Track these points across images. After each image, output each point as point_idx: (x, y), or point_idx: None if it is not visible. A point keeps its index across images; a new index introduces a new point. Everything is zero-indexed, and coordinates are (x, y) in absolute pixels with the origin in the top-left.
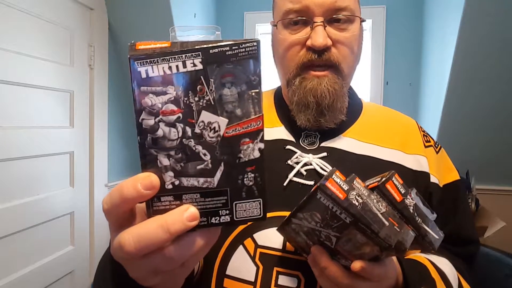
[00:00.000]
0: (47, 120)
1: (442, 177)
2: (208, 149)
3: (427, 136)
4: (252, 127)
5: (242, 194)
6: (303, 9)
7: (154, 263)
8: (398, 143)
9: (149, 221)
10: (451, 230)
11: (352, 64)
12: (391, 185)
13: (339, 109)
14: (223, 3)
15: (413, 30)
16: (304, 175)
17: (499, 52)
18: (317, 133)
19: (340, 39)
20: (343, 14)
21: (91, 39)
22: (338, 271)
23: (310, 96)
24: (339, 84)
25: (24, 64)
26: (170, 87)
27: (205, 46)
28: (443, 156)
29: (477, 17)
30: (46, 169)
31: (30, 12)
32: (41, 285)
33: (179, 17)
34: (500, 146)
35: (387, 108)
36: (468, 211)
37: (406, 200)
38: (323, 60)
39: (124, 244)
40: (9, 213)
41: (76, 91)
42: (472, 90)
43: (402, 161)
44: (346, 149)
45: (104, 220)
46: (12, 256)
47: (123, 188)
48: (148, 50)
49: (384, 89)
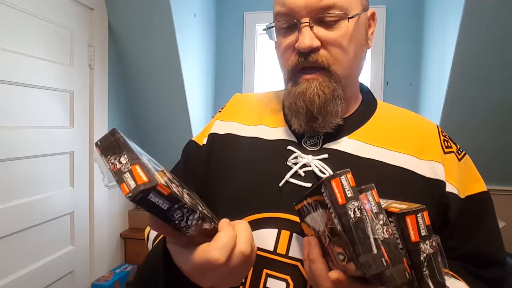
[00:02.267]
0: (47, 120)
1: (465, 187)
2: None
3: (449, 141)
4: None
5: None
6: (288, 12)
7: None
8: (412, 148)
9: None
10: (472, 249)
11: (348, 65)
12: (412, 220)
13: (332, 113)
14: (223, 3)
15: (413, 30)
16: (303, 177)
17: (499, 52)
18: (320, 134)
19: (329, 39)
20: (330, 13)
21: (91, 39)
22: (323, 270)
23: (299, 101)
24: (330, 87)
25: (24, 64)
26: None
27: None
28: (467, 164)
29: (477, 17)
30: (46, 169)
31: (30, 12)
32: (41, 285)
33: (179, 17)
34: (499, 146)
35: (405, 111)
36: (494, 228)
37: (421, 244)
38: (310, 62)
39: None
40: (9, 213)
41: (76, 91)
42: (472, 90)
43: (414, 168)
44: (350, 152)
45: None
46: (12, 256)
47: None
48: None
49: (384, 89)
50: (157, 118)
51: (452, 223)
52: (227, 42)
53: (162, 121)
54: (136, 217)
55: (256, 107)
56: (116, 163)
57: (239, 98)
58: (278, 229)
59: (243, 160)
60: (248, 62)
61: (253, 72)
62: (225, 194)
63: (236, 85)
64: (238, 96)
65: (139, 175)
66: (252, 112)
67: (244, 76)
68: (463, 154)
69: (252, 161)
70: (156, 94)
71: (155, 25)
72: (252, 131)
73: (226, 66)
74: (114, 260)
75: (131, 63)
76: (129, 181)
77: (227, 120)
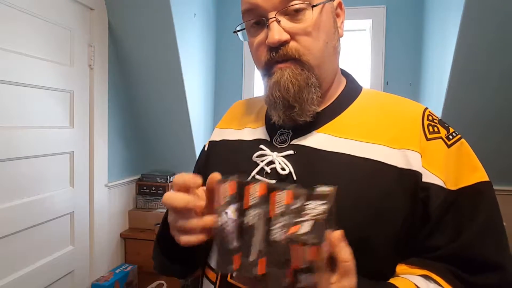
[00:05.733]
0: (47, 120)
1: (457, 177)
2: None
3: (436, 126)
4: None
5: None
6: (254, 7)
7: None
8: (385, 137)
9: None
10: (461, 248)
11: (319, 53)
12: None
13: (308, 100)
14: (223, 3)
15: (413, 30)
16: (269, 173)
17: (499, 52)
18: (290, 131)
19: (297, 30)
20: (293, 4)
21: (91, 39)
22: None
23: (276, 90)
24: (303, 75)
25: (24, 64)
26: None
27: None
28: (462, 150)
29: (477, 17)
30: (46, 169)
31: (30, 12)
32: (41, 285)
33: (179, 17)
34: (499, 146)
35: (391, 96)
36: (493, 223)
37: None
38: (281, 55)
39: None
40: (9, 213)
41: (76, 91)
42: (472, 90)
43: (385, 158)
44: (316, 147)
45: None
46: (12, 256)
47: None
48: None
49: (384, 89)
50: (157, 118)
51: (433, 217)
52: (227, 42)
53: (162, 121)
54: (136, 217)
55: (248, 111)
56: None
57: (236, 105)
58: None
59: (226, 160)
60: (248, 62)
61: (253, 72)
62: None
63: (236, 84)
64: (236, 104)
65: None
66: (244, 116)
67: (244, 75)
68: (456, 139)
69: (229, 161)
70: (156, 94)
71: (155, 25)
72: (239, 134)
73: (226, 66)
74: (114, 260)
75: (131, 63)
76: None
77: (224, 128)
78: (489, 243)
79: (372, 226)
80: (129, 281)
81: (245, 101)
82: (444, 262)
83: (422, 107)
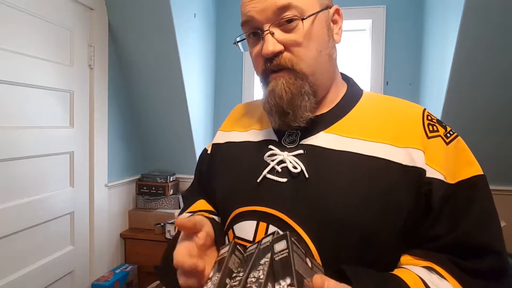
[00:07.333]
0: (47, 120)
1: (455, 172)
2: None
3: (435, 125)
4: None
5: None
6: (249, 20)
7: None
8: (389, 137)
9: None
10: (459, 236)
11: (312, 62)
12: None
13: (301, 107)
14: (223, 3)
15: (413, 30)
16: (280, 172)
17: (499, 52)
18: (298, 132)
19: (289, 41)
20: (285, 15)
21: (91, 39)
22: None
23: (271, 98)
24: (296, 85)
25: (24, 64)
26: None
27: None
28: (459, 147)
29: (477, 17)
30: (46, 169)
31: (30, 12)
32: (41, 285)
33: (179, 17)
34: (499, 146)
35: (391, 98)
36: (487, 213)
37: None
38: (275, 65)
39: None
40: (9, 213)
41: (76, 91)
42: (472, 90)
43: (390, 156)
44: (325, 146)
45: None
46: (12, 256)
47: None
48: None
49: (384, 89)
50: (157, 117)
51: (435, 209)
52: (227, 42)
53: (162, 121)
54: (136, 217)
55: (251, 113)
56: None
57: (238, 108)
58: (256, 221)
59: (234, 161)
60: (248, 62)
61: (253, 71)
62: (220, 191)
63: (236, 84)
64: (237, 107)
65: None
66: (247, 118)
67: (244, 75)
68: (453, 137)
69: (240, 161)
70: (156, 94)
71: (155, 25)
72: (245, 135)
73: (226, 66)
74: (114, 260)
75: (131, 63)
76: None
77: (227, 131)
78: (485, 231)
79: (378, 220)
80: (129, 281)
81: (246, 104)
82: (445, 251)
83: (421, 107)
